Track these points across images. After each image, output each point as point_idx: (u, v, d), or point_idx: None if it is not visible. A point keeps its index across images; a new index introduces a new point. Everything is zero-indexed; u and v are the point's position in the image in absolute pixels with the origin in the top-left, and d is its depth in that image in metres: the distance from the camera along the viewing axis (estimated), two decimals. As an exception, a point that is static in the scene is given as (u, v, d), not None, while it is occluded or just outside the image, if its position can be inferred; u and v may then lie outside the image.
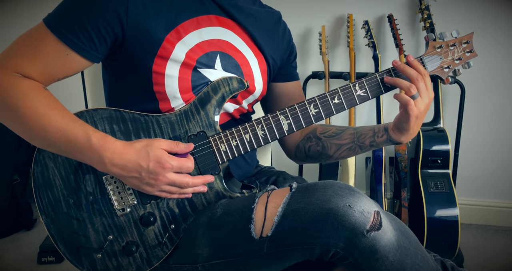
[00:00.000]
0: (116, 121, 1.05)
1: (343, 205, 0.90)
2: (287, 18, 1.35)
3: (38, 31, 1.01)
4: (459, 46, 1.15)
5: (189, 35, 1.08)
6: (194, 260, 1.02)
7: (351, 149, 1.23)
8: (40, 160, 1.05)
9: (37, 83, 1.01)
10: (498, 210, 2.48)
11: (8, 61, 1.00)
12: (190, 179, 1.01)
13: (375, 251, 0.89)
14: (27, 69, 0.99)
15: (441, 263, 1.04)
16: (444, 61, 1.14)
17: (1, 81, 0.98)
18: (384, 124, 1.19)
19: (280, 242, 0.94)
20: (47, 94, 1.00)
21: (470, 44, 1.15)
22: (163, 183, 0.98)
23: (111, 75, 1.13)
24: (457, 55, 1.15)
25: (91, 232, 1.05)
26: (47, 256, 2.12)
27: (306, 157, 1.31)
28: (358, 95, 1.10)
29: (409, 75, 1.07)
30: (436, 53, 1.14)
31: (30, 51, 1.00)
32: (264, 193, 1.01)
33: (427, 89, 1.08)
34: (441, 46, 1.13)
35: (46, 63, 1.01)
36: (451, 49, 1.14)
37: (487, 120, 2.39)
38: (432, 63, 1.13)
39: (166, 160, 0.97)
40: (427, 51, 1.14)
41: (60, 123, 0.96)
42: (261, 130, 1.08)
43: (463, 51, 1.15)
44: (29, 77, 1.00)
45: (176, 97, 1.08)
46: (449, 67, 1.14)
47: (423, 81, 1.07)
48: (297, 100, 1.33)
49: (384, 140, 1.18)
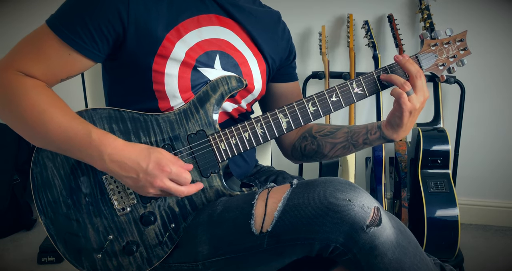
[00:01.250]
0: (115, 121, 1.05)
1: (343, 199, 0.90)
2: (287, 18, 1.35)
3: (41, 32, 1.01)
4: (453, 44, 1.16)
5: (189, 34, 1.08)
6: (194, 258, 1.02)
7: (345, 147, 1.22)
8: (39, 160, 1.05)
9: (40, 82, 1.01)
10: (498, 210, 2.48)
11: (12, 61, 1.01)
12: (185, 189, 1.00)
13: (374, 247, 0.89)
14: (30, 69, 1.00)
15: (440, 267, 1.03)
16: (439, 59, 1.16)
17: (4, 79, 0.98)
18: (378, 122, 1.19)
19: (280, 237, 0.94)
20: (49, 92, 1.01)
21: (464, 42, 1.16)
22: (158, 188, 0.97)
23: (110, 74, 1.14)
24: (451, 53, 1.16)
25: (91, 232, 1.05)
26: (47, 256, 2.12)
27: (302, 156, 1.31)
28: (356, 93, 1.11)
29: (409, 71, 1.07)
30: (431, 51, 1.15)
31: (33, 51, 1.01)
32: (264, 189, 1.02)
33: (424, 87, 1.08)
34: (435, 44, 1.15)
35: (49, 63, 1.01)
36: (446, 47, 1.16)
37: (487, 120, 2.40)
38: (427, 61, 1.15)
39: (166, 163, 0.97)
40: (422, 49, 1.15)
41: (61, 120, 0.97)
42: (260, 129, 1.08)
43: (457, 49, 1.17)
44: (33, 77, 1.01)
45: (175, 97, 1.08)
46: (444, 64, 1.16)
47: (421, 78, 1.07)
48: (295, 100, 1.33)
49: (377, 137, 1.17)
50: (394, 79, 1.08)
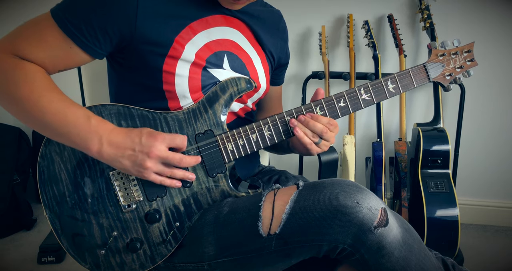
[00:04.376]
0: (124, 117, 1.05)
1: (351, 202, 0.91)
2: (287, 18, 1.35)
3: (45, 20, 1.00)
4: (461, 55, 1.18)
5: (198, 35, 1.08)
6: (200, 259, 1.02)
7: None
8: (47, 154, 1.05)
9: (40, 67, 1.01)
10: (498, 210, 2.48)
11: (11, 44, 1.00)
12: (183, 156, 1.00)
13: (382, 247, 0.90)
14: (30, 54, 0.99)
15: (442, 261, 1.04)
16: (446, 69, 1.17)
17: (3, 62, 0.98)
18: None
19: (288, 239, 0.94)
20: (48, 79, 1.00)
21: (471, 53, 1.18)
22: (156, 158, 0.97)
23: (119, 73, 1.13)
24: (458, 63, 1.18)
25: (95, 228, 1.05)
26: (47, 256, 2.12)
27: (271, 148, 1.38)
28: (363, 99, 1.12)
29: (318, 130, 1.08)
30: (439, 61, 1.16)
31: (35, 37, 1.00)
32: (270, 191, 1.02)
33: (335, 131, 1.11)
34: (443, 54, 1.17)
35: (49, 52, 1.01)
36: (453, 57, 1.17)
37: (487, 120, 2.40)
38: (435, 70, 1.16)
39: (158, 133, 0.98)
40: (430, 59, 1.16)
41: (60, 104, 0.97)
42: (267, 131, 1.09)
43: (464, 60, 1.18)
44: (31, 62, 1.00)
45: (185, 97, 1.08)
46: (450, 75, 1.17)
47: (331, 131, 1.10)
48: (276, 102, 1.39)
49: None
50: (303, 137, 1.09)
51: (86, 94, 2.26)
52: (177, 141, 1.00)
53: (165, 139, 0.98)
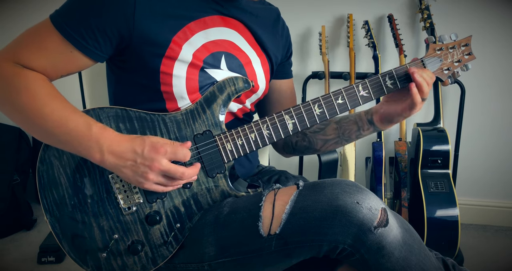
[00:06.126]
0: (122, 120, 1.05)
1: (351, 202, 0.91)
2: (286, 18, 1.35)
3: (44, 27, 1.01)
4: (458, 49, 1.17)
5: (195, 35, 1.08)
6: (200, 259, 1.02)
7: (338, 143, 1.27)
8: (46, 158, 1.05)
9: (41, 75, 1.01)
10: (498, 210, 2.48)
11: (12, 52, 1.00)
12: (185, 169, 0.99)
13: (382, 247, 0.90)
14: (31, 61, 1.00)
15: (443, 261, 1.05)
16: (444, 63, 1.17)
17: (4, 70, 0.98)
18: (366, 115, 1.22)
19: (288, 240, 0.94)
20: (50, 86, 1.00)
21: (469, 47, 1.18)
22: (157, 171, 0.96)
23: (117, 75, 1.13)
24: (456, 57, 1.18)
25: (96, 231, 1.04)
26: (47, 256, 2.12)
27: (294, 151, 1.34)
28: (361, 95, 1.12)
29: (425, 83, 1.10)
30: (437, 55, 1.16)
31: (35, 45, 1.00)
32: (270, 191, 1.02)
33: None
34: (441, 49, 1.16)
35: (50, 59, 1.01)
36: (451, 51, 1.17)
37: (487, 120, 2.40)
38: (432, 65, 1.16)
39: (161, 145, 0.96)
40: (428, 53, 1.16)
41: (62, 112, 0.97)
42: (266, 130, 1.09)
43: (462, 53, 1.18)
44: (32, 70, 1.00)
45: (183, 98, 1.08)
46: (448, 69, 1.17)
47: None
48: (288, 98, 1.36)
49: (370, 131, 1.24)
50: (423, 82, 1.10)
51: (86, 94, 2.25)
52: (179, 155, 0.98)
53: (167, 152, 0.96)
